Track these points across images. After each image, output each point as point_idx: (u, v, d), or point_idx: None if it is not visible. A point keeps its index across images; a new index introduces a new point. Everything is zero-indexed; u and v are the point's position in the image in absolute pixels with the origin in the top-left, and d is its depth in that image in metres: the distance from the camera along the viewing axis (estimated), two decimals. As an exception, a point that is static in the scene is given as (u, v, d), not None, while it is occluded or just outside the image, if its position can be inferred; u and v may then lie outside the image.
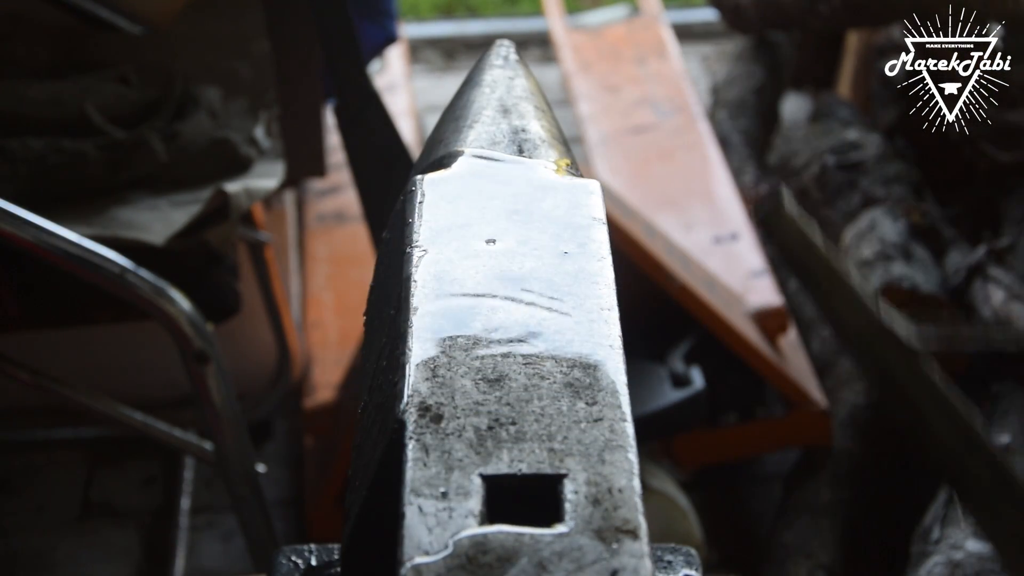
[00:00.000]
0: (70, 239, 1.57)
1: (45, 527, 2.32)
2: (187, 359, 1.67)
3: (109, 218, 1.73)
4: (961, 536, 1.87)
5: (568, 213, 0.98)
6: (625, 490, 0.73)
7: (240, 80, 1.96)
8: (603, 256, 0.94)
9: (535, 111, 1.09)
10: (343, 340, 2.40)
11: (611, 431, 0.78)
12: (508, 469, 0.75)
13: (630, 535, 0.70)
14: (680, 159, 2.80)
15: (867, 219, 2.43)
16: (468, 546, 0.69)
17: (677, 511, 2.10)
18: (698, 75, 3.57)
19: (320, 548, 1.01)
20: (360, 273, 2.49)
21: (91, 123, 1.81)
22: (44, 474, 2.43)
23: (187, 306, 1.64)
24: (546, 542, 0.70)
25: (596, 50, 3.26)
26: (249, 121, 1.90)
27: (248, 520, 1.83)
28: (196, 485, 2.38)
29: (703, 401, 2.10)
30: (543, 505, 0.73)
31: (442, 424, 0.78)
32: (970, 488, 1.05)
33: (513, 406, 0.80)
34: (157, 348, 2.07)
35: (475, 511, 0.71)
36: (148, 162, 1.79)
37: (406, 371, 0.82)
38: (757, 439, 2.29)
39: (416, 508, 0.71)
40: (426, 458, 0.75)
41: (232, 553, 2.28)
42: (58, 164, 1.76)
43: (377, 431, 0.84)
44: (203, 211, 1.71)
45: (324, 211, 2.71)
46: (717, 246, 2.50)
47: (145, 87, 1.89)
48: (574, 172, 1.04)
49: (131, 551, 2.28)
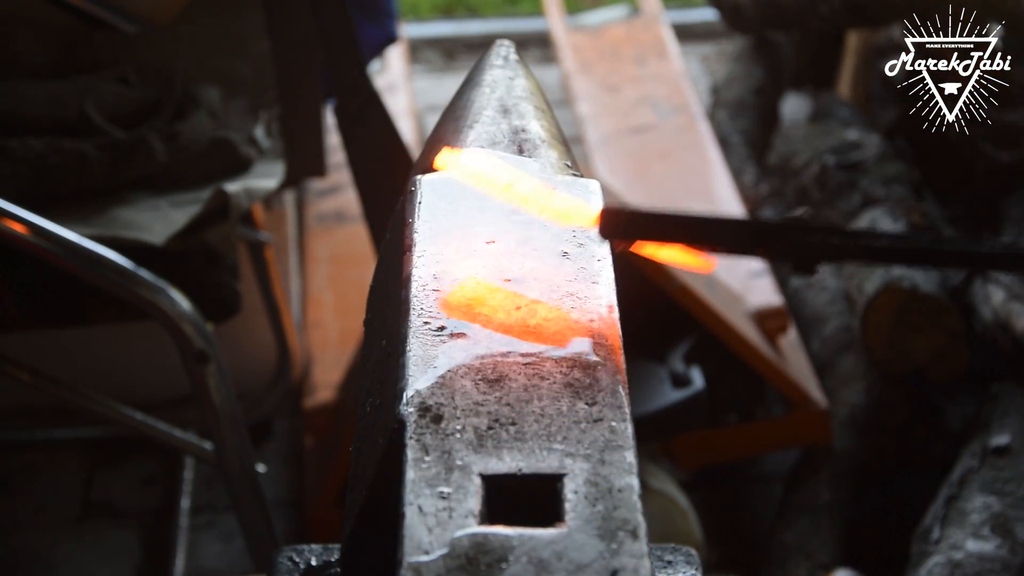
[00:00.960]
0: (70, 239, 1.57)
1: (45, 527, 2.32)
2: (187, 359, 1.67)
3: (109, 218, 1.73)
4: (961, 536, 1.87)
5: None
6: (625, 490, 0.73)
7: (240, 80, 1.96)
8: (603, 256, 0.94)
9: (535, 111, 1.09)
10: (343, 340, 2.40)
11: (611, 431, 0.78)
12: (508, 469, 0.75)
13: (630, 535, 0.70)
14: (680, 159, 2.80)
15: (867, 219, 2.43)
16: (468, 546, 0.69)
17: (677, 511, 2.10)
18: (698, 75, 3.57)
19: (320, 548, 1.01)
20: (360, 273, 2.49)
21: (91, 123, 1.81)
22: (44, 474, 2.43)
23: (187, 306, 1.64)
24: (546, 542, 0.70)
25: (596, 50, 3.26)
26: (249, 121, 1.90)
27: (248, 520, 1.83)
28: (196, 485, 2.37)
29: (703, 401, 2.10)
30: (543, 505, 0.73)
31: (442, 424, 0.78)
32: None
33: (513, 406, 0.80)
34: (157, 348, 2.07)
35: (475, 511, 0.71)
36: (148, 162, 1.79)
37: (406, 371, 0.82)
38: (757, 439, 2.29)
39: (416, 508, 0.71)
40: (426, 458, 0.75)
41: (232, 553, 2.28)
42: (58, 164, 1.76)
43: (377, 431, 0.84)
44: (203, 211, 1.71)
45: (324, 211, 2.71)
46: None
47: (145, 87, 1.89)
48: (574, 172, 1.04)
49: (131, 551, 2.28)
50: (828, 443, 2.25)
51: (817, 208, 2.64)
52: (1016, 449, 2.02)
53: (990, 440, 2.05)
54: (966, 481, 1.98)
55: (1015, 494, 1.93)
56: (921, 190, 2.55)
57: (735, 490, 2.41)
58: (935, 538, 1.89)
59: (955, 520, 1.91)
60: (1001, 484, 1.95)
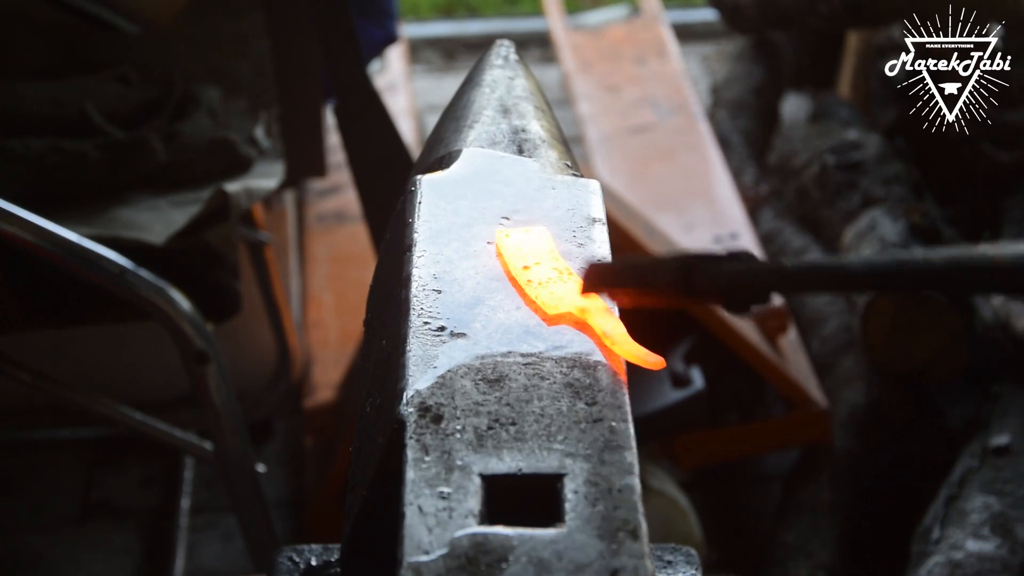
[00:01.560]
0: (70, 239, 1.57)
1: (45, 527, 2.32)
2: (187, 359, 1.67)
3: (109, 218, 1.73)
4: (961, 536, 1.87)
5: (568, 213, 0.98)
6: (625, 490, 0.73)
7: (240, 80, 1.96)
8: (603, 256, 0.94)
9: (535, 111, 1.09)
10: (343, 340, 2.40)
11: (611, 431, 0.78)
12: (508, 469, 0.75)
13: (630, 535, 0.70)
14: (680, 159, 2.80)
15: (867, 219, 2.44)
16: (468, 546, 0.69)
17: (677, 511, 2.10)
18: (698, 75, 3.57)
19: (320, 548, 1.01)
20: (360, 273, 2.49)
21: (91, 123, 1.81)
22: (44, 474, 2.43)
23: (187, 306, 1.64)
24: (546, 542, 0.70)
25: (596, 50, 3.26)
26: (249, 121, 1.90)
27: (248, 520, 1.83)
28: (196, 485, 2.38)
29: (703, 401, 2.10)
30: (543, 505, 0.73)
31: (442, 424, 0.78)
32: None
33: (513, 406, 0.80)
34: (157, 348, 2.07)
35: (475, 511, 0.72)
36: (148, 162, 1.79)
37: (406, 371, 0.82)
38: (757, 439, 2.29)
39: (416, 508, 0.71)
40: (426, 458, 0.75)
41: (232, 553, 2.28)
42: (58, 164, 1.76)
43: (377, 431, 0.84)
44: (203, 211, 1.71)
45: (324, 211, 2.72)
46: (717, 246, 2.50)
47: (145, 87, 1.89)
48: (574, 172, 1.04)
49: (131, 551, 2.28)
50: (828, 443, 2.25)
51: (817, 208, 2.64)
52: (1016, 449, 2.02)
53: (990, 440, 2.05)
54: (966, 481, 1.98)
55: (1015, 494, 1.93)
56: (921, 190, 2.55)
57: (735, 490, 2.41)
58: (935, 538, 1.89)
59: (955, 520, 1.91)
60: (1001, 484, 1.96)
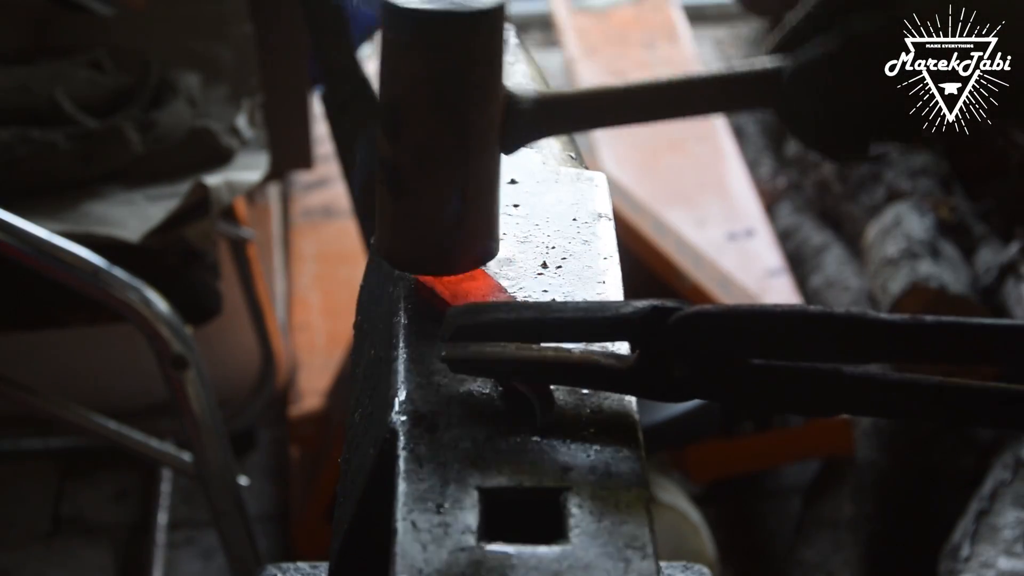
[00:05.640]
0: (39, 236, 1.57)
1: (12, 543, 2.33)
2: (164, 364, 1.68)
3: (81, 213, 1.73)
4: (993, 553, 1.87)
5: (572, 208, 0.98)
6: (632, 504, 0.73)
7: (221, 65, 1.96)
8: (609, 254, 0.94)
9: (536, 99, 1.09)
10: (331, 344, 2.40)
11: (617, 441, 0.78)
12: (507, 482, 0.75)
13: (638, 552, 0.70)
14: (692, 150, 2.80)
15: (892, 214, 2.44)
16: (465, 564, 0.69)
17: (689, 527, 2.10)
18: (711, 60, 3.57)
19: (307, 566, 1.01)
20: (349, 272, 2.49)
21: (62, 111, 1.81)
22: (11, 487, 2.43)
23: (164, 307, 1.64)
24: (548, 560, 0.70)
25: (602, 33, 3.26)
26: (230, 109, 1.90)
27: (229, 536, 1.83)
28: (174, 499, 2.38)
29: (716, 409, 2.10)
30: (545, 520, 0.73)
31: (437, 434, 0.78)
32: None
33: (513, 414, 0.80)
34: (132, 352, 2.07)
35: (472, 527, 0.71)
36: (122, 153, 1.80)
37: (398, 377, 0.82)
38: (774, 450, 2.29)
39: (409, 524, 0.71)
40: (420, 470, 0.75)
41: (212, 571, 2.28)
42: (26, 155, 1.76)
43: (367, 441, 0.84)
44: (181, 206, 1.72)
45: (311, 206, 2.72)
46: (731, 243, 2.50)
47: (119, 73, 1.89)
48: (578, 164, 1.04)
49: (104, 569, 2.28)
50: (850, 454, 2.25)
51: (839, 202, 2.65)
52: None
53: (1023, 451, 2.05)
54: (997, 495, 1.98)
55: (1050, 508, 1.93)
56: (950, 183, 2.55)
57: (751, 504, 2.41)
58: (965, 555, 1.89)
59: (986, 536, 1.91)
60: (1035, 498, 1.96)
